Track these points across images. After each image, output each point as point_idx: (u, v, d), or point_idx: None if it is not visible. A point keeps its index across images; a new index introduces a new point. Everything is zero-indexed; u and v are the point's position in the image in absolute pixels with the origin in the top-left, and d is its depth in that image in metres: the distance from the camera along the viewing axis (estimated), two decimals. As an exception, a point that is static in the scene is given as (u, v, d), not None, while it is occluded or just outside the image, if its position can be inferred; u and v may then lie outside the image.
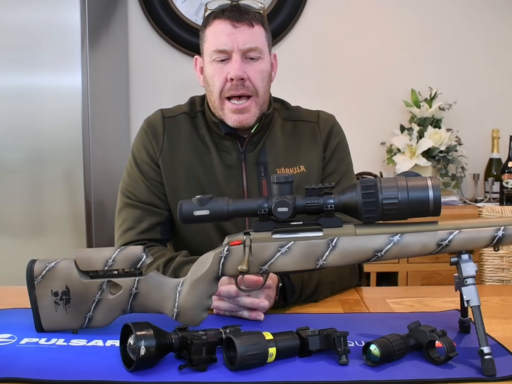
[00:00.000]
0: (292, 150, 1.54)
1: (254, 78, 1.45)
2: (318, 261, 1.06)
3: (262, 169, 1.51)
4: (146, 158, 1.52)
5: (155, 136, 1.52)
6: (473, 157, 3.03)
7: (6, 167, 2.43)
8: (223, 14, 1.44)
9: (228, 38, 1.42)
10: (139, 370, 0.96)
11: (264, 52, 1.47)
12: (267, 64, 1.49)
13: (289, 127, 1.57)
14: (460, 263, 1.02)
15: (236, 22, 1.42)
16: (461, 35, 3.11)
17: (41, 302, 1.12)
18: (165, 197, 1.51)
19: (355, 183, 1.05)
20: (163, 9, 3.04)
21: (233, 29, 1.42)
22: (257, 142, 1.52)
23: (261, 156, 1.52)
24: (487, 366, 0.94)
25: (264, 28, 1.48)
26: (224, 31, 1.43)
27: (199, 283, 1.10)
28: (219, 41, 1.43)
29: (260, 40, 1.45)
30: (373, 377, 0.95)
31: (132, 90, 3.10)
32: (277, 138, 1.54)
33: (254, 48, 1.44)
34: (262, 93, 1.47)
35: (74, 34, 2.37)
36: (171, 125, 1.53)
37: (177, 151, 1.51)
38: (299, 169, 1.52)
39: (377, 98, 3.11)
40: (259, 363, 0.98)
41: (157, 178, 1.51)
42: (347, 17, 3.10)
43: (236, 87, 1.43)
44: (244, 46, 1.43)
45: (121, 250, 1.12)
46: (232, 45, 1.42)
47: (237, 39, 1.42)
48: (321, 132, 1.56)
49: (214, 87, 1.46)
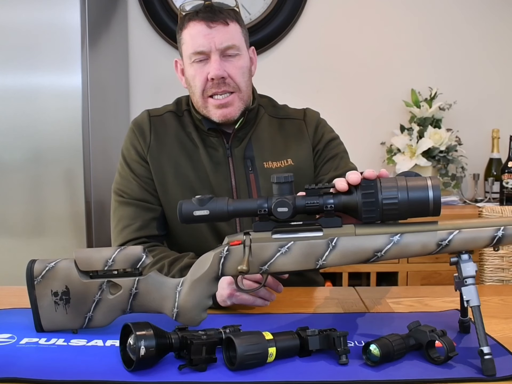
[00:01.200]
0: (279, 144, 1.56)
1: (234, 75, 1.47)
2: (318, 261, 1.06)
3: (249, 164, 1.53)
4: (135, 156, 1.54)
5: (142, 134, 1.55)
6: (473, 157, 3.03)
7: (6, 167, 2.43)
8: (197, 16, 1.46)
9: (204, 39, 1.45)
10: (139, 370, 0.96)
11: (241, 49, 1.49)
12: (246, 60, 1.51)
13: (275, 124, 1.60)
14: (460, 263, 1.02)
15: (210, 22, 1.45)
16: (461, 35, 3.11)
17: (41, 302, 1.12)
18: (157, 193, 1.53)
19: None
20: (163, 9, 3.04)
21: (209, 30, 1.45)
22: (243, 137, 1.55)
23: (248, 151, 1.54)
24: (487, 366, 0.94)
25: (239, 24, 1.50)
26: (200, 32, 1.45)
27: (199, 283, 1.10)
28: (196, 43, 1.46)
29: (236, 37, 1.48)
30: (373, 377, 0.95)
31: (132, 90, 3.10)
32: (263, 133, 1.57)
33: (231, 46, 1.46)
34: (245, 88, 1.50)
35: (74, 34, 2.37)
36: (157, 123, 1.56)
37: (164, 148, 1.54)
38: (286, 163, 1.54)
39: (377, 98, 3.11)
40: (259, 363, 0.98)
41: (147, 174, 1.53)
42: (346, 17, 3.10)
43: (217, 86, 1.46)
44: (221, 45, 1.45)
45: (121, 250, 1.12)
46: (210, 46, 1.45)
47: (213, 39, 1.45)
48: (308, 129, 1.59)
49: (196, 88, 1.49)
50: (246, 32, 1.54)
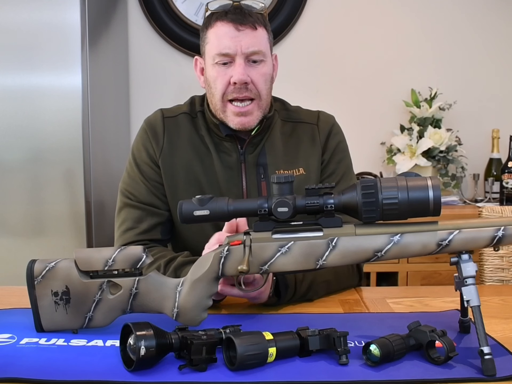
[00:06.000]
0: (291, 152, 1.54)
1: (257, 81, 1.44)
2: (318, 261, 1.06)
3: (262, 171, 1.51)
4: (146, 159, 1.52)
5: (155, 136, 1.52)
6: (473, 157, 3.03)
7: (6, 167, 2.43)
8: (226, 16, 1.42)
9: (231, 42, 1.41)
10: (139, 370, 0.96)
11: (266, 55, 1.46)
12: (270, 67, 1.48)
13: (288, 129, 1.57)
14: (460, 263, 1.02)
15: (239, 25, 1.41)
16: (461, 35, 3.11)
17: (41, 302, 1.12)
18: (165, 197, 1.51)
19: (355, 183, 1.05)
20: (163, 9, 3.04)
21: (237, 32, 1.41)
22: (257, 143, 1.52)
23: (261, 157, 1.51)
24: (487, 366, 0.94)
25: (266, 30, 1.47)
26: (227, 34, 1.41)
27: (199, 283, 1.10)
28: (222, 44, 1.42)
29: (263, 43, 1.44)
30: (373, 377, 0.95)
31: (132, 90, 3.10)
32: (276, 139, 1.54)
33: (258, 51, 1.43)
34: (265, 96, 1.47)
35: (74, 34, 2.37)
36: (171, 125, 1.53)
37: (177, 151, 1.51)
38: (298, 172, 1.51)
39: (377, 98, 3.11)
40: (259, 363, 0.98)
41: (157, 178, 1.51)
42: (347, 17, 3.10)
43: (239, 90, 1.43)
44: (248, 50, 1.42)
45: (121, 250, 1.12)
46: (236, 49, 1.41)
47: (240, 42, 1.41)
48: (320, 134, 1.56)
49: (216, 90, 1.45)
50: (272, 38, 1.50)
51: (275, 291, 1.29)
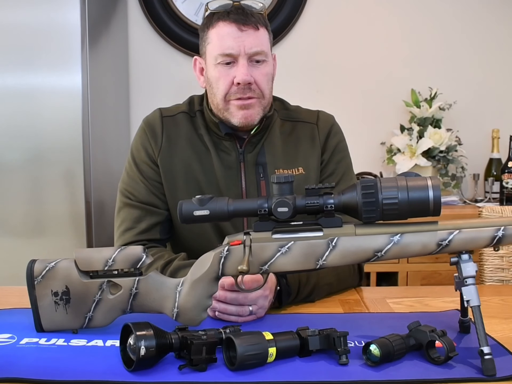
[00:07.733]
0: (291, 151, 1.54)
1: (260, 81, 1.44)
2: (318, 261, 1.06)
3: (261, 170, 1.50)
4: (145, 158, 1.52)
5: (154, 135, 1.52)
6: (473, 157, 3.03)
7: (6, 167, 2.43)
8: (228, 16, 1.42)
9: (234, 42, 1.41)
10: (139, 370, 0.96)
11: (268, 55, 1.46)
12: (271, 67, 1.48)
13: (287, 128, 1.56)
14: (460, 263, 1.02)
15: (242, 26, 1.41)
16: (462, 35, 3.10)
17: (41, 302, 1.12)
18: (164, 196, 1.51)
19: (355, 183, 1.05)
20: (163, 9, 3.04)
21: (240, 33, 1.41)
22: (256, 143, 1.52)
23: (260, 157, 1.51)
24: (487, 366, 0.94)
25: (267, 30, 1.47)
26: (230, 35, 1.41)
27: (199, 283, 1.10)
28: (225, 45, 1.42)
29: (265, 43, 1.45)
30: (373, 377, 0.95)
31: (132, 90, 3.10)
32: (276, 139, 1.53)
33: (260, 51, 1.43)
34: (268, 96, 1.47)
35: (74, 34, 2.37)
36: (169, 124, 1.53)
37: (176, 150, 1.51)
38: (297, 171, 1.51)
39: (377, 98, 3.11)
40: (259, 363, 0.98)
41: (156, 177, 1.51)
42: (347, 17, 3.10)
43: (242, 91, 1.42)
44: (251, 50, 1.42)
45: (121, 250, 1.12)
46: (239, 49, 1.41)
47: (243, 42, 1.41)
48: (320, 134, 1.56)
49: (219, 90, 1.45)
50: (272, 39, 1.51)
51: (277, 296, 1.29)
